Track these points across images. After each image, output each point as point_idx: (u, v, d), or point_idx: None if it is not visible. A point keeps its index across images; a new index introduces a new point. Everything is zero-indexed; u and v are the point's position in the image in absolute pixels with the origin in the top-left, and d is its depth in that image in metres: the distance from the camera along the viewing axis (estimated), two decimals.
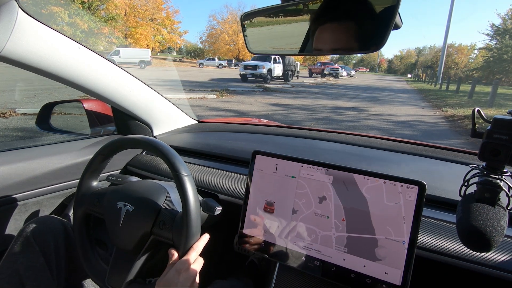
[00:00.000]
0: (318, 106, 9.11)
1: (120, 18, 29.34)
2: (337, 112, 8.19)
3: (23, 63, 0.76)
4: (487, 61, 25.11)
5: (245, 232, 0.73)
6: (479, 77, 23.12)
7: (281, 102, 9.52)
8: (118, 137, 0.77)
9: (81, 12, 24.39)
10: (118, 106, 1.09)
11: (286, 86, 16.12)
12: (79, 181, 0.80)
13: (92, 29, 25.38)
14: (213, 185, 0.92)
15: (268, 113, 7.31)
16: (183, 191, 0.66)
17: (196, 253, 0.67)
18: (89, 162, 0.79)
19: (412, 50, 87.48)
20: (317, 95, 12.26)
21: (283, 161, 0.71)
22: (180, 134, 1.33)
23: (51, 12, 22.58)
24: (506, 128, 0.52)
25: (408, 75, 55.30)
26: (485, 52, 26.08)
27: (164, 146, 0.71)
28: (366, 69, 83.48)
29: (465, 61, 48.46)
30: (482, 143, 0.54)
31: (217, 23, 43.95)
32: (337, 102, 10.34)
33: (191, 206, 0.66)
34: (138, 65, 23.62)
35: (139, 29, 31.80)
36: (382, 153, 1.01)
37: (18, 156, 0.96)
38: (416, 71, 52.85)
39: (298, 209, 0.68)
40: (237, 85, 14.70)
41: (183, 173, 0.67)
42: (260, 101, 9.61)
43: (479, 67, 28.55)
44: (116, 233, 0.72)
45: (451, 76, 29.14)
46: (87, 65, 0.91)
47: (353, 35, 0.55)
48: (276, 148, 1.13)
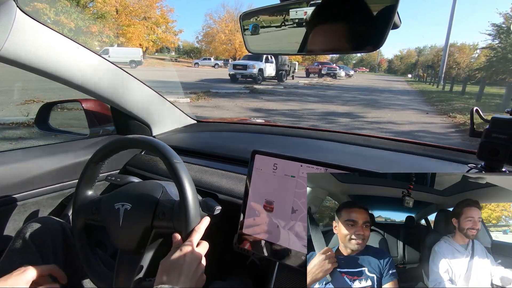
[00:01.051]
0: (306, 112, 8.14)
1: (110, 16, 28.22)
2: (327, 120, 7.24)
3: (21, 63, 0.76)
4: (490, 61, 24.37)
5: (245, 232, 0.73)
6: (482, 77, 22.57)
7: (265, 107, 8.55)
8: (107, 141, 0.77)
9: (69, 9, 23.18)
10: (117, 106, 1.09)
11: (278, 87, 15.15)
12: (74, 192, 0.79)
13: (81, 28, 24.26)
14: (212, 185, 0.92)
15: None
16: (177, 177, 0.67)
17: (199, 235, 0.67)
18: (82, 172, 0.78)
19: (413, 50, 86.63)
20: (308, 98, 11.32)
21: (282, 160, 0.71)
22: (179, 133, 1.33)
23: (35, 8, 21.45)
24: (504, 128, 0.52)
25: (409, 75, 54.05)
26: (488, 52, 25.31)
27: (152, 140, 0.72)
28: (366, 69, 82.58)
29: (467, 60, 47.61)
30: (480, 143, 0.54)
31: (213, 22, 43.24)
32: (329, 106, 9.33)
33: (188, 190, 0.67)
34: (128, 64, 22.98)
35: (132, 27, 30.72)
36: (381, 152, 1.01)
37: (17, 157, 0.96)
38: (416, 71, 52.25)
39: (298, 208, 0.68)
40: (224, 86, 13.67)
41: (175, 160, 0.68)
42: (241, 105, 8.62)
43: (482, 67, 27.73)
44: (118, 235, 0.72)
45: (453, 76, 28.12)
46: (85, 65, 0.91)
47: (352, 34, 0.55)
48: (275, 147, 1.13)
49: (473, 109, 0.59)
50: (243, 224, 0.74)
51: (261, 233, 0.71)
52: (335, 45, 0.56)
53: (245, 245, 0.73)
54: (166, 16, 35.29)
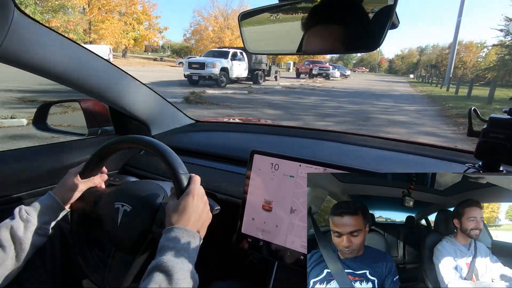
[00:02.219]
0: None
1: (77, 9, 25.46)
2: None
3: (19, 62, 0.76)
4: (502, 59, 22.61)
5: (244, 232, 0.73)
6: (492, 77, 20.77)
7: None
8: (114, 138, 0.76)
9: (25, 1, 20.47)
10: (116, 106, 1.09)
11: (241, 92, 11.76)
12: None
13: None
14: (211, 185, 0.92)
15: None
16: (181, 190, 0.66)
17: (198, 186, 0.66)
18: (86, 163, 0.79)
19: (414, 49, 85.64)
20: (268, 109, 8.35)
21: (281, 160, 0.71)
22: (178, 133, 1.33)
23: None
24: (502, 127, 0.52)
25: (411, 75, 51.31)
26: (499, 49, 23.46)
27: (161, 145, 0.71)
28: (365, 69, 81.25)
29: (474, 60, 45.44)
30: (478, 142, 0.54)
31: (202, 18, 41.21)
32: (290, 124, 5.38)
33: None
34: None
35: (106, 23, 27.95)
36: (380, 152, 1.01)
37: (15, 156, 0.95)
38: (419, 71, 50.92)
39: (296, 208, 0.67)
40: (171, 91, 10.21)
41: (180, 171, 0.67)
42: None
43: (492, 66, 25.63)
44: (114, 234, 0.72)
45: (459, 77, 25.94)
46: (83, 64, 0.90)
47: (351, 34, 0.55)
48: (274, 147, 1.13)
49: (471, 109, 0.60)
50: (242, 224, 0.73)
51: (260, 233, 0.71)
52: (334, 45, 0.56)
53: (244, 245, 0.73)
54: (148, 12, 32.74)
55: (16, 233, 0.64)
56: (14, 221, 0.66)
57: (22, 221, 0.66)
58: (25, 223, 0.66)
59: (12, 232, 0.64)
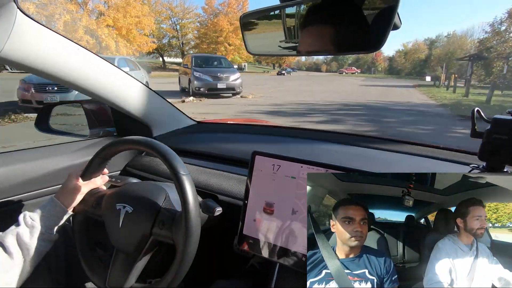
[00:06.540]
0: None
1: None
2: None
3: (21, 63, 0.77)
4: None
5: (245, 233, 0.73)
6: None
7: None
8: (116, 139, 0.77)
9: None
10: (117, 107, 1.09)
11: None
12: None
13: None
14: (212, 186, 0.92)
15: None
16: (182, 190, 0.66)
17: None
18: (87, 165, 0.79)
19: (421, 42, 69.63)
20: None
21: (282, 161, 0.71)
22: (179, 134, 1.33)
23: None
24: (506, 128, 0.52)
25: (427, 77, 35.75)
26: None
27: (162, 146, 0.71)
28: (357, 69, 68.00)
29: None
30: (482, 143, 0.54)
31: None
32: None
33: (190, 205, 0.66)
34: None
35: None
36: (382, 154, 1.01)
37: (16, 158, 0.95)
38: (433, 71, 38.07)
39: (298, 209, 0.67)
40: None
41: (182, 172, 0.67)
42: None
43: None
44: (116, 235, 0.72)
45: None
46: (85, 66, 0.91)
47: (351, 35, 0.55)
48: (275, 148, 1.13)
49: (474, 110, 0.60)
50: (244, 225, 0.74)
51: (262, 234, 0.71)
52: (341, 44, 0.56)
53: (245, 247, 0.73)
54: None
55: (23, 239, 0.65)
56: (19, 228, 0.66)
57: (27, 227, 0.66)
58: (30, 229, 0.67)
59: (19, 239, 0.65)
